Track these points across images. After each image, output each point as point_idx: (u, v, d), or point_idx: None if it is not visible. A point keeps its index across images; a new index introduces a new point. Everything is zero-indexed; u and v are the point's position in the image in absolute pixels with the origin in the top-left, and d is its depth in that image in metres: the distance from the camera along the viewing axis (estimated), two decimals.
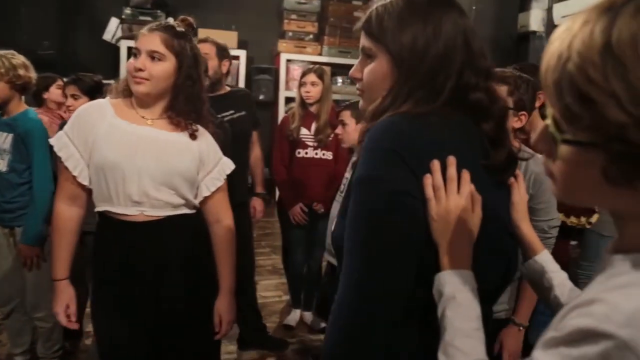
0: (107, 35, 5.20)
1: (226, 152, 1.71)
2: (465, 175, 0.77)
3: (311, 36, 5.99)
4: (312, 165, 2.88)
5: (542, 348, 0.52)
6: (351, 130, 2.35)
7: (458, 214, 0.74)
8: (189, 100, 1.51)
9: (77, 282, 1.57)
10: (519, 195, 0.91)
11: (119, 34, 5.16)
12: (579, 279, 2.71)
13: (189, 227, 1.54)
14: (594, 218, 1.92)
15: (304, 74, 2.88)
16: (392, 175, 0.73)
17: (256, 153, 2.89)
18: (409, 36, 0.80)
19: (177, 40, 1.48)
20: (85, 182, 1.48)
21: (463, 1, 3.22)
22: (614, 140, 0.47)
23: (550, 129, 0.54)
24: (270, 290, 3.56)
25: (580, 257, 2.71)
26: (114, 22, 5.22)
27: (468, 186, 0.76)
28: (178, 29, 1.52)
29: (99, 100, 1.58)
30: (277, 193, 3.15)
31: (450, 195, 0.74)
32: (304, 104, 2.90)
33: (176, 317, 1.51)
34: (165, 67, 1.47)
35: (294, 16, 5.92)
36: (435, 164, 0.74)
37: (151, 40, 1.46)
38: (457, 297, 0.71)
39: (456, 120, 0.81)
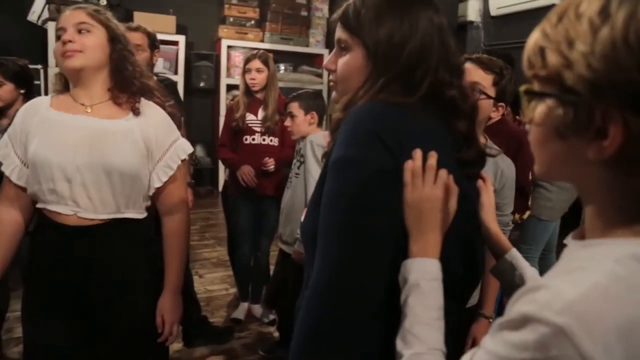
0: (33, 16, 4.84)
1: None
2: (444, 169, 0.77)
3: (252, 22, 5.86)
4: (259, 152, 2.82)
5: (490, 333, 0.54)
6: (300, 122, 2.32)
7: (432, 203, 0.74)
8: (128, 70, 1.38)
9: None
10: (488, 197, 0.94)
11: (46, 15, 4.82)
12: None
13: (133, 234, 1.39)
14: (526, 214, 2.03)
15: (247, 60, 2.80)
16: (374, 155, 0.73)
17: None
18: (386, 31, 0.80)
19: (102, 14, 1.38)
20: (21, 183, 1.35)
21: None
22: (558, 85, 0.52)
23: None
24: (216, 283, 3.48)
25: (519, 240, 2.84)
26: (39, 2, 4.87)
27: (445, 177, 0.76)
28: (101, 8, 1.42)
29: (40, 97, 1.45)
30: (221, 184, 3.07)
31: (427, 184, 0.74)
32: (249, 91, 2.82)
33: (113, 324, 1.38)
34: (96, 36, 1.34)
35: (234, 1, 5.77)
36: (418, 152, 0.74)
37: (75, 15, 1.34)
38: (421, 285, 0.71)
39: (431, 113, 0.82)
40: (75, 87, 1.38)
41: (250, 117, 2.82)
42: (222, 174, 4.31)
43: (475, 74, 1.46)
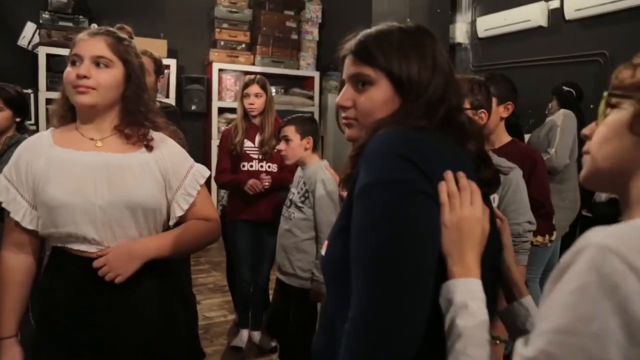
0: (23, 41, 4.81)
1: None
2: (476, 186, 0.78)
3: (243, 45, 5.89)
4: (258, 178, 2.79)
5: (544, 296, 0.57)
6: (295, 146, 2.28)
7: (471, 223, 0.74)
8: (140, 112, 1.34)
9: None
10: (507, 237, 0.94)
11: (37, 40, 4.79)
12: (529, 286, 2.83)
13: (153, 263, 1.30)
14: (554, 236, 2.01)
15: (246, 85, 2.79)
16: (408, 176, 0.72)
17: None
18: (415, 67, 0.84)
19: (122, 46, 1.31)
20: (31, 227, 1.29)
21: (396, 12, 3.27)
22: None
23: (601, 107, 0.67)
24: (214, 310, 3.41)
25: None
26: (30, 27, 4.85)
27: (480, 197, 0.76)
28: (121, 34, 1.36)
29: (40, 133, 1.38)
30: (218, 209, 3.03)
31: (465, 203, 0.74)
32: (247, 116, 2.81)
33: (124, 353, 1.29)
34: (114, 74, 1.28)
35: (225, 25, 5.80)
36: (449, 173, 0.75)
37: (95, 44, 1.27)
38: (470, 305, 0.69)
39: (449, 137, 0.84)
40: (83, 120, 1.32)
41: (247, 143, 2.80)
42: (216, 200, 4.26)
43: None
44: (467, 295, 0.70)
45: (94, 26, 5.06)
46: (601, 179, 0.69)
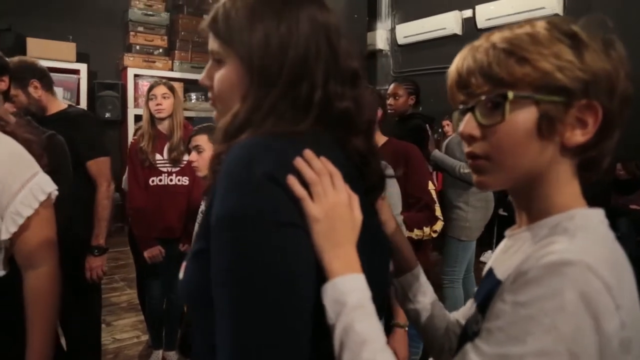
0: None
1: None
2: (334, 168, 0.65)
3: (161, 50, 5.65)
4: (167, 193, 2.59)
5: (495, 309, 0.56)
6: (208, 157, 2.11)
7: (341, 210, 0.64)
8: None
9: None
10: (387, 212, 0.86)
11: None
12: (443, 284, 2.86)
13: None
14: (438, 226, 1.97)
15: (151, 87, 2.61)
16: (269, 206, 0.58)
17: None
18: (260, 35, 0.66)
19: None
20: None
21: None
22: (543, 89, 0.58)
23: (480, 110, 0.61)
24: (127, 331, 3.17)
25: (442, 263, 2.85)
26: None
27: (341, 180, 0.65)
28: None
29: None
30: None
31: (328, 189, 0.63)
32: (153, 120, 2.62)
33: None
34: None
35: (140, 29, 5.54)
36: (300, 160, 0.62)
37: None
38: (366, 305, 0.60)
39: (329, 139, 0.70)
40: None
41: (157, 156, 2.61)
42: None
43: None
44: (362, 294, 0.61)
45: None
46: (505, 186, 0.64)
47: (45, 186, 1.17)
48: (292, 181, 0.60)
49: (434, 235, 1.98)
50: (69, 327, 2.19)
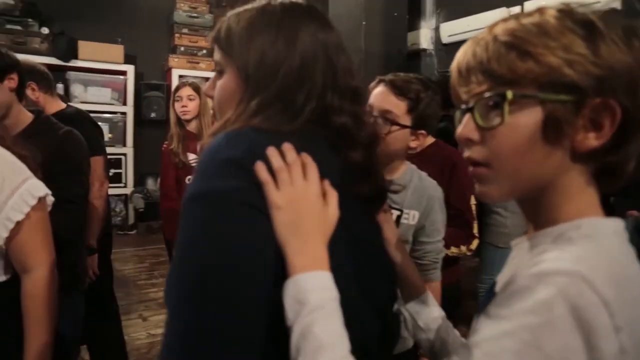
0: None
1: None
2: (311, 161, 0.63)
3: (204, 51, 5.74)
4: None
5: (485, 318, 0.50)
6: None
7: (309, 200, 0.60)
8: None
9: None
10: (391, 229, 0.81)
11: None
12: (480, 293, 2.74)
13: None
14: (474, 244, 1.89)
15: (177, 89, 2.64)
16: (230, 185, 0.58)
17: None
18: (257, 49, 0.69)
19: None
20: None
21: (352, 15, 3.15)
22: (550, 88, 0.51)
23: (479, 111, 0.55)
24: (162, 326, 3.23)
25: (480, 271, 2.74)
26: None
27: (316, 173, 0.62)
28: None
29: None
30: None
31: (296, 179, 0.60)
32: (180, 122, 2.65)
33: None
34: None
35: (185, 30, 5.65)
36: (273, 149, 0.61)
37: None
38: (327, 306, 0.55)
39: (325, 143, 0.70)
40: None
41: (190, 156, 2.63)
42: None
43: (387, 101, 1.29)
44: (323, 294, 0.55)
45: (45, 30, 4.87)
46: (510, 197, 0.58)
47: (35, 191, 1.18)
48: (259, 167, 0.59)
49: (469, 254, 1.90)
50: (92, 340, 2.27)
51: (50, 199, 1.24)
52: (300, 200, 0.59)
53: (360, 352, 0.58)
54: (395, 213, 1.36)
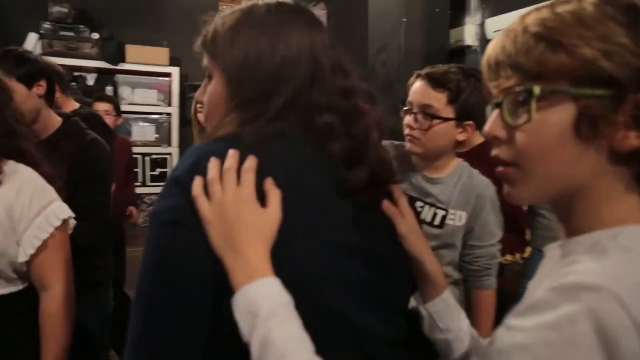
0: None
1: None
2: (251, 165, 0.61)
3: None
4: None
5: (503, 329, 0.47)
6: None
7: (239, 207, 0.58)
8: None
9: None
10: (405, 224, 0.75)
11: (39, 50, 4.80)
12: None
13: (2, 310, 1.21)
14: (527, 253, 1.81)
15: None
16: (166, 206, 0.60)
17: None
18: (241, 50, 0.69)
19: None
20: None
21: (392, 13, 3.09)
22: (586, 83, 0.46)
23: (507, 108, 0.51)
24: None
25: (522, 276, 2.64)
26: (32, 38, 4.87)
27: (251, 176, 0.61)
28: None
29: None
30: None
31: (228, 186, 0.59)
32: (200, 124, 2.68)
33: None
34: None
35: None
36: (214, 161, 0.61)
37: None
38: (279, 312, 0.53)
39: (302, 142, 0.68)
40: None
41: None
42: None
43: (425, 95, 1.25)
44: (272, 301, 0.54)
45: (96, 36, 5.06)
46: (540, 200, 0.56)
47: (60, 213, 1.26)
48: (195, 183, 0.59)
49: (521, 262, 1.83)
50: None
51: (73, 222, 1.31)
52: (229, 209, 0.57)
53: (362, 356, 0.60)
54: (441, 213, 1.30)
